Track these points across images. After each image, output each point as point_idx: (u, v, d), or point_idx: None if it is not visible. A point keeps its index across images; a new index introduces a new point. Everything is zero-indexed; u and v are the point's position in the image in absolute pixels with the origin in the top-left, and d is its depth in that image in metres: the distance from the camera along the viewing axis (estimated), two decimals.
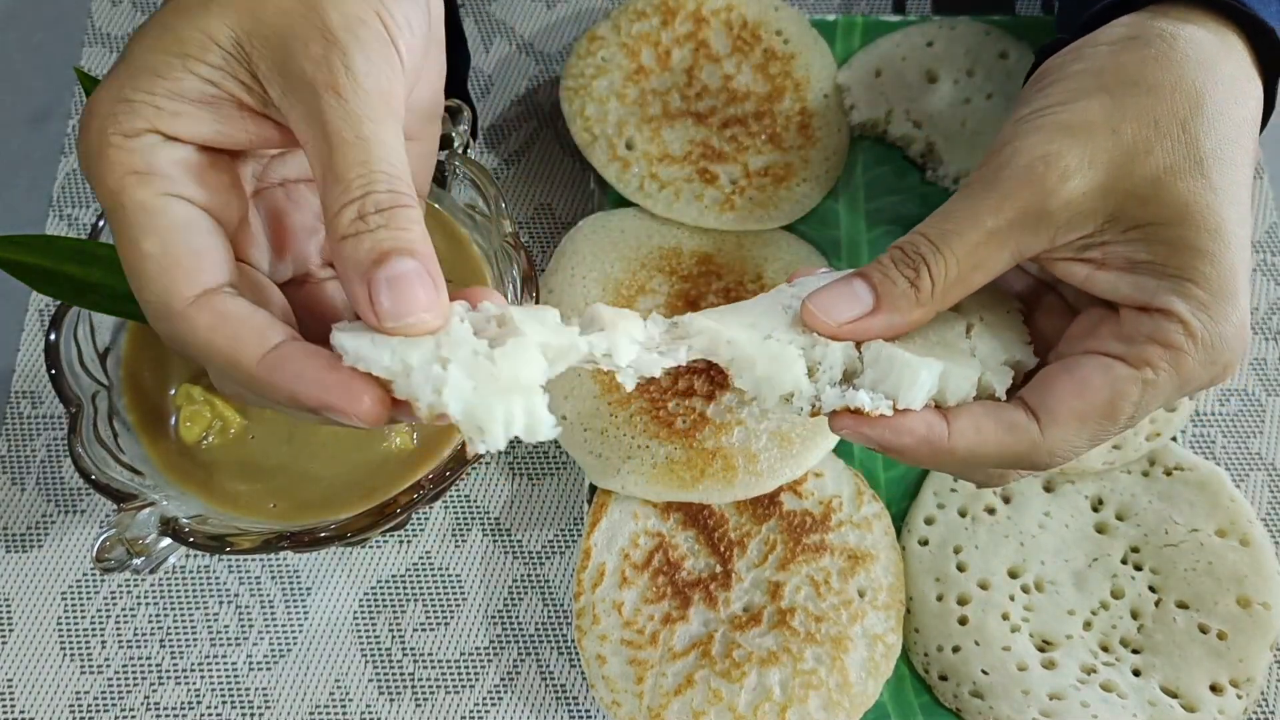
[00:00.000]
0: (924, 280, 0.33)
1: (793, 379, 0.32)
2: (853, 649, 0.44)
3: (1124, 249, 0.33)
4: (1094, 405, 0.33)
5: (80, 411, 0.41)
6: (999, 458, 0.34)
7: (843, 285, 0.34)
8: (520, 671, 0.47)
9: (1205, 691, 0.44)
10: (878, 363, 0.33)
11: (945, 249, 0.33)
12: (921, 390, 0.32)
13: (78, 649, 0.47)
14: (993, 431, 0.33)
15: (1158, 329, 0.33)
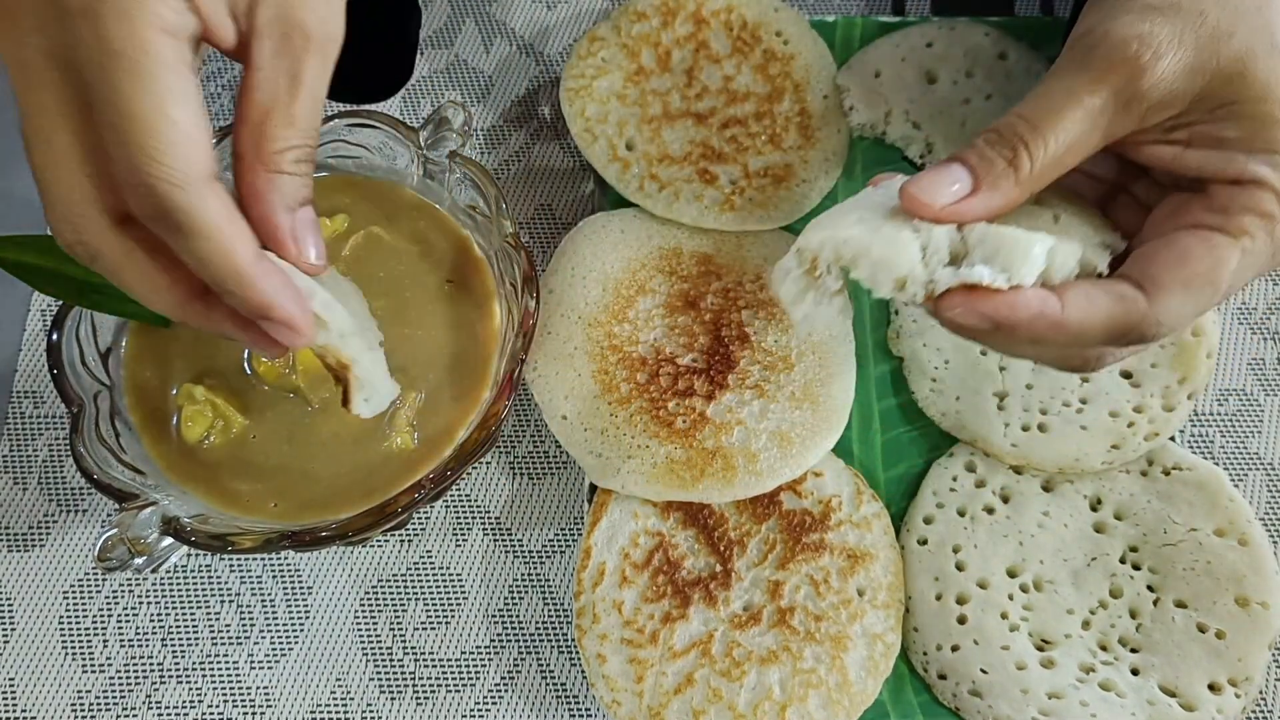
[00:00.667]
0: (1022, 159, 0.34)
1: (907, 261, 0.32)
2: (852, 648, 0.44)
3: (1211, 128, 0.34)
4: (1197, 273, 0.34)
5: (82, 411, 0.42)
6: (1108, 330, 0.34)
7: (941, 169, 0.34)
8: (521, 670, 0.47)
9: (1204, 691, 0.44)
10: (984, 242, 0.33)
11: (1043, 127, 0.34)
12: (1035, 265, 0.33)
13: (79, 648, 0.47)
14: (1104, 302, 0.34)
15: (1251, 198, 0.34)
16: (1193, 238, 0.34)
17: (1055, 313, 0.33)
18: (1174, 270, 0.34)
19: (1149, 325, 0.34)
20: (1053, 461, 0.47)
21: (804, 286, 0.34)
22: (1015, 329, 0.33)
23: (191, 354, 0.45)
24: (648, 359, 0.48)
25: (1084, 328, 0.34)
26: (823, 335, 0.49)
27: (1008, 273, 0.32)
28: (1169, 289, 0.34)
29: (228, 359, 0.45)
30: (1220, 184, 0.35)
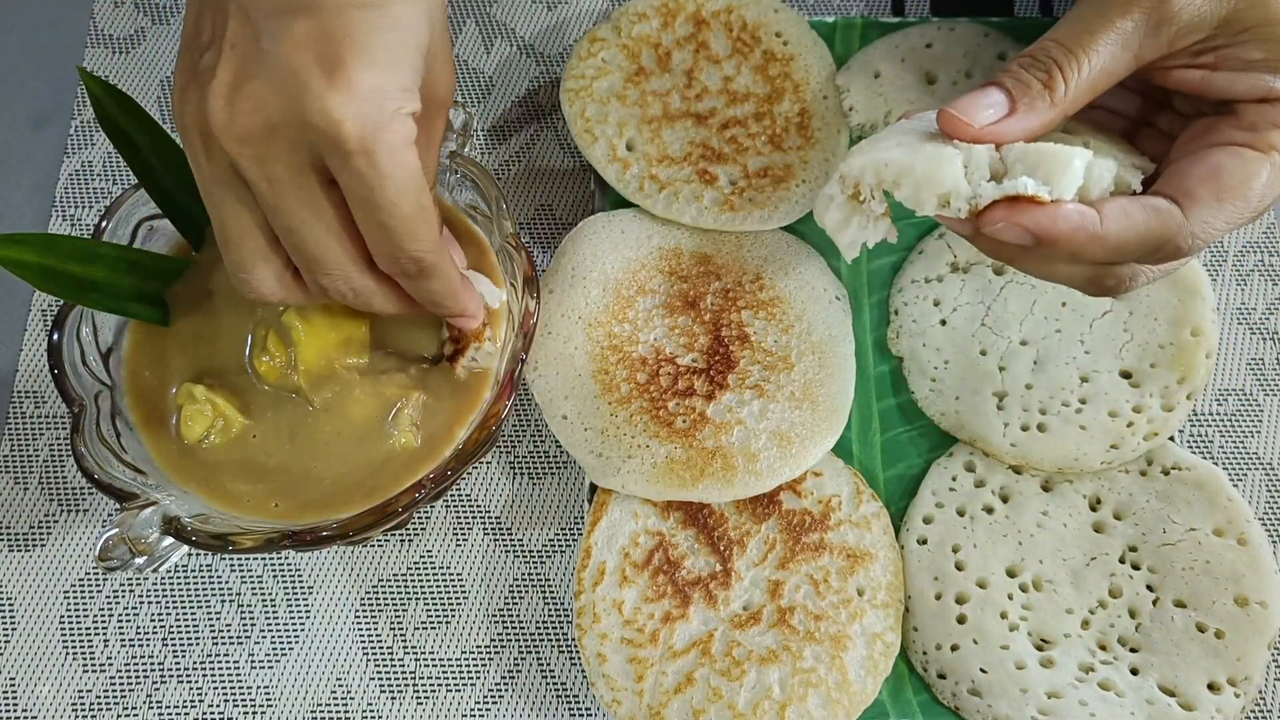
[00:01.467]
0: (1057, 81, 0.35)
1: (951, 175, 0.33)
2: (852, 647, 0.44)
3: (1236, 50, 0.36)
4: (1229, 185, 0.35)
5: (83, 411, 0.41)
6: (1145, 243, 0.35)
7: (978, 93, 0.36)
8: (521, 670, 0.47)
9: (1203, 690, 0.44)
10: (1024, 158, 0.33)
11: (1077, 50, 0.35)
12: (1074, 178, 0.33)
13: (80, 648, 0.47)
14: (1140, 216, 0.35)
15: (1278, 115, 0.35)
16: (1224, 153, 0.36)
17: (1094, 225, 0.34)
18: (1207, 184, 0.35)
19: (1184, 237, 0.35)
20: (1052, 461, 0.47)
21: (848, 213, 0.35)
22: (1056, 241, 0.34)
23: (192, 353, 0.45)
24: (648, 359, 0.48)
25: (1122, 240, 0.34)
26: (823, 335, 0.49)
27: (1050, 185, 0.33)
28: (1203, 201, 0.35)
29: (228, 358, 0.45)
30: (1248, 103, 0.36)
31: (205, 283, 0.46)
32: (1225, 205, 0.35)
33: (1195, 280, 0.49)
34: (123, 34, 0.59)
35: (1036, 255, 0.36)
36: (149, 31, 0.59)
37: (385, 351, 0.45)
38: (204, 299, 0.45)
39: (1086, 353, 0.49)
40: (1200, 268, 0.49)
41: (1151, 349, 0.48)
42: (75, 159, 0.56)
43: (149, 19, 0.59)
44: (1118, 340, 0.49)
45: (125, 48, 0.58)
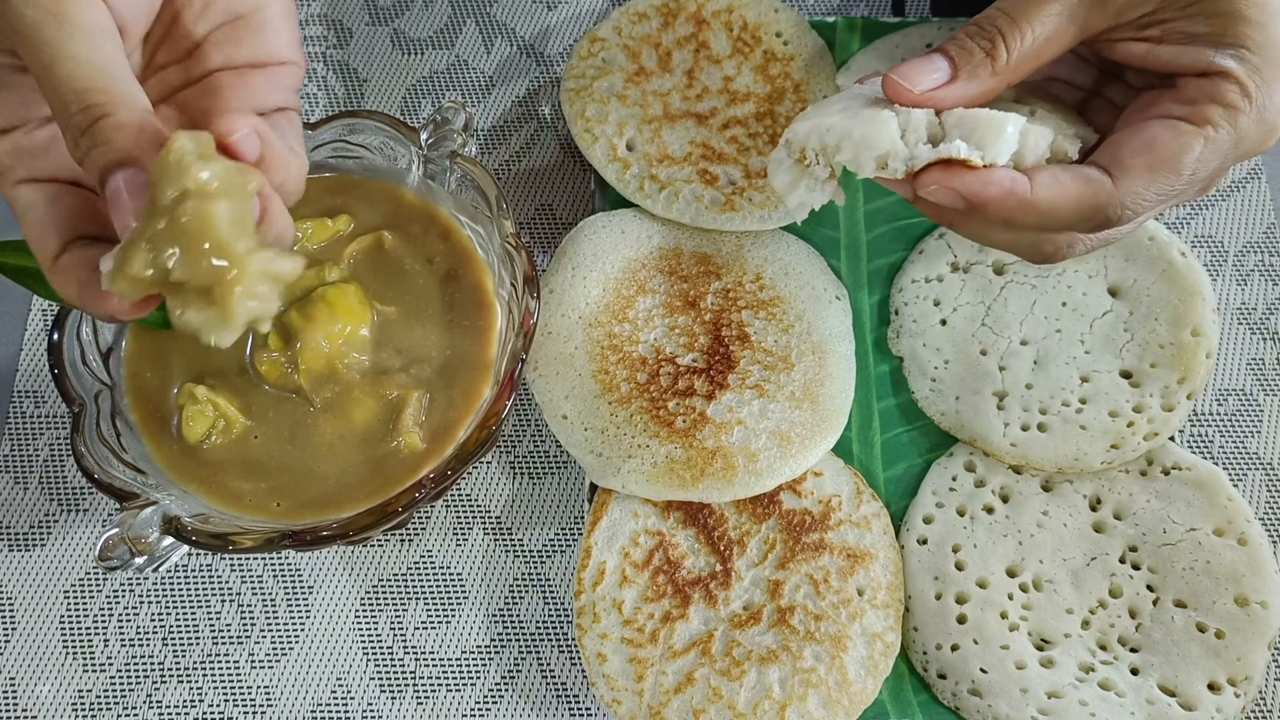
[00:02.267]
0: (999, 49, 0.36)
1: (888, 138, 0.34)
2: (852, 647, 0.44)
3: (1182, 24, 0.36)
4: (1162, 157, 0.35)
5: (83, 411, 0.41)
6: (1075, 211, 0.36)
7: (922, 58, 0.36)
8: (521, 670, 0.47)
9: (1203, 690, 0.44)
10: (962, 123, 0.34)
11: (1020, 19, 0.36)
12: (1008, 144, 0.34)
13: (80, 647, 0.47)
14: (1071, 184, 0.35)
15: (1216, 89, 0.35)
16: (1159, 125, 0.36)
17: (1024, 191, 0.35)
18: (1140, 155, 0.36)
19: (1114, 207, 0.36)
20: (1052, 461, 0.47)
21: (795, 176, 0.37)
22: (986, 205, 0.35)
23: (192, 354, 0.45)
24: (648, 359, 0.48)
25: (1052, 207, 0.35)
26: (823, 335, 0.49)
27: (983, 150, 0.34)
28: (1135, 172, 0.35)
29: (229, 359, 0.45)
30: (1188, 77, 0.36)
31: None
32: (1157, 177, 0.36)
33: (1195, 280, 0.49)
34: None
35: (973, 219, 0.36)
36: None
37: (386, 351, 0.45)
38: None
39: (1087, 352, 0.49)
40: (1200, 267, 0.49)
41: (1152, 349, 0.48)
42: None
43: None
44: (1118, 340, 0.49)
45: None
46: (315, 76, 0.58)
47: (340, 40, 0.59)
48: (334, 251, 0.46)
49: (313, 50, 0.59)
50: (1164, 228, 0.50)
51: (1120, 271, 0.50)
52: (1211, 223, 0.55)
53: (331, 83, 0.58)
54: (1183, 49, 0.36)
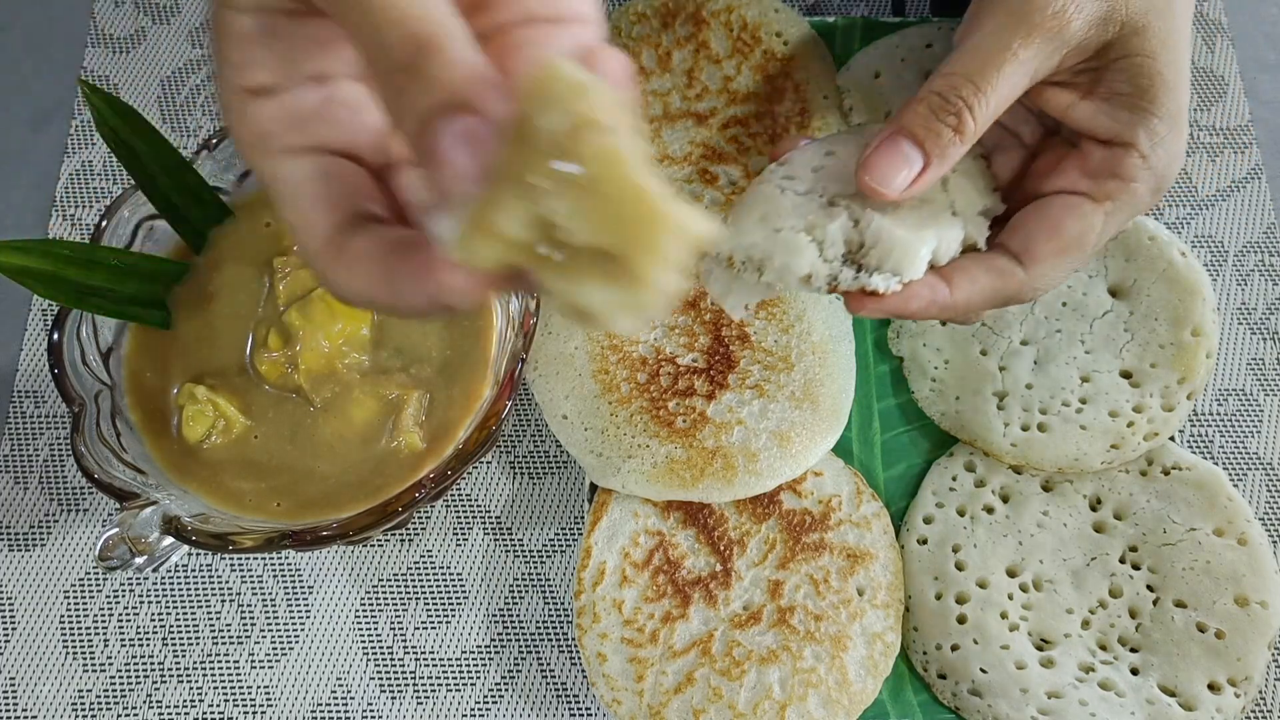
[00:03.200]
0: (967, 124, 0.36)
1: (807, 263, 0.35)
2: (852, 647, 0.44)
3: (1109, 80, 0.37)
4: (1068, 241, 0.37)
5: (83, 411, 0.41)
6: (991, 301, 0.38)
7: (891, 150, 0.36)
8: (521, 670, 0.47)
9: (1203, 690, 0.44)
10: (879, 243, 0.35)
11: (986, 85, 0.36)
12: (922, 263, 0.36)
13: (80, 647, 0.47)
14: (986, 280, 0.37)
15: (1119, 164, 0.37)
16: (1063, 206, 0.38)
17: (945, 298, 0.37)
18: (1047, 241, 0.37)
19: (1026, 292, 0.38)
20: (1052, 461, 0.47)
21: (728, 281, 0.37)
22: (911, 316, 0.37)
23: (192, 354, 0.45)
24: (648, 359, 0.48)
25: (970, 303, 0.37)
26: (823, 335, 0.49)
27: (900, 274, 0.36)
28: (1042, 259, 0.37)
29: (229, 359, 0.45)
30: (1096, 144, 0.38)
31: (206, 285, 0.46)
32: (1064, 259, 0.38)
33: (1196, 280, 0.49)
34: (123, 34, 0.59)
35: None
36: (149, 31, 0.59)
37: (386, 351, 0.45)
38: (205, 301, 0.45)
39: (1087, 353, 0.49)
40: (1200, 267, 0.49)
41: (1152, 349, 0.48)
42: (75, 158, 0.56)
43: (149, 19, 0.59)
44: (1118, 340, 0.49)
45: (126, 47, 0.58)
46: None
47: None
48: None
49: None
50: (1164, 228, 0.50)
51: (1120, 271, 0.50)
52: (1212, 222, 0.55)
53: None
54: (1102, 107, 0.37)
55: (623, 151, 0.21)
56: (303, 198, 0.28)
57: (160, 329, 0.45)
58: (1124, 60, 0.37)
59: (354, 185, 0.28)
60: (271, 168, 0.28)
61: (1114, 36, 0.36)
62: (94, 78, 0.57)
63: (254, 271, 0.46)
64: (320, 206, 0.28)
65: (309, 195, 0.28)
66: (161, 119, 0.57)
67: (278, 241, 0.46)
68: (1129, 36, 0.36)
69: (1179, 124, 0.37)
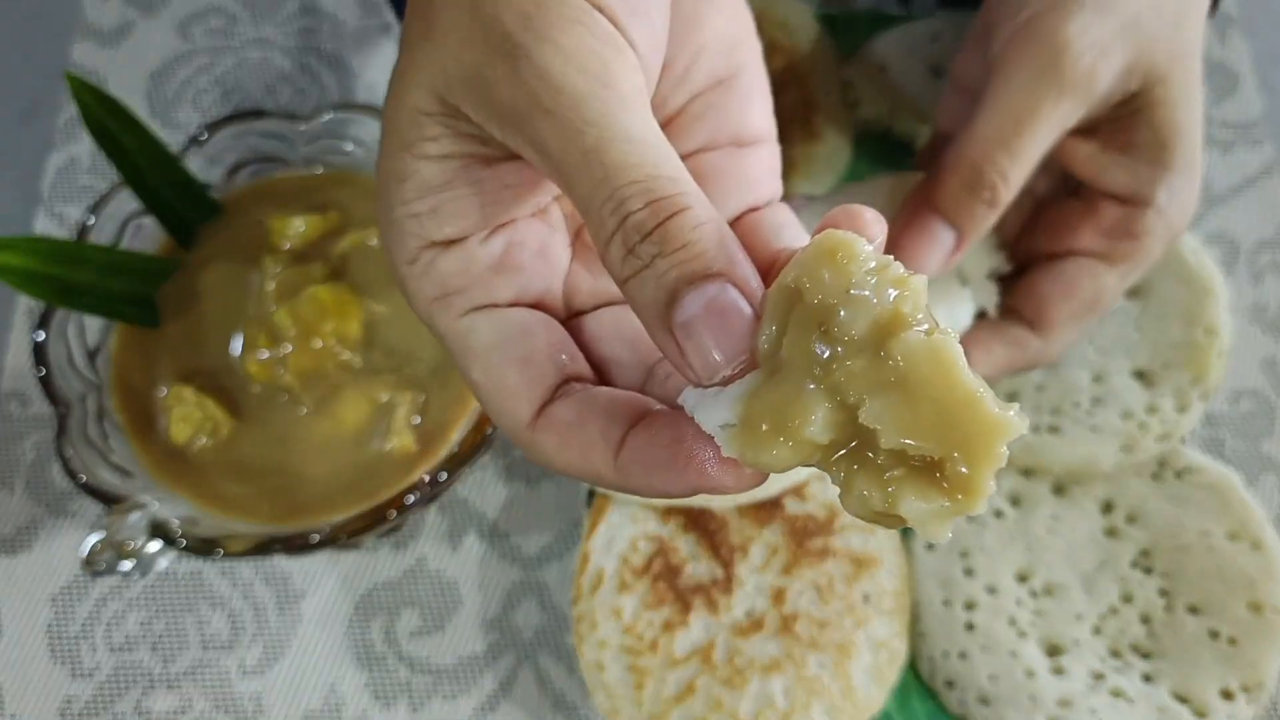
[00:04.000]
0: (1001, 195, 0.35)
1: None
2: (857, 655, 0.44)
3: (1132, 125, 0.36)
4: (1082, 303, 0.37)
5: (69, 412, 0.41)
6: (1009, 370, 0.38)
7: (923, 232, 0.35)
8: (517, 678, 0.47)
9: (1215, 697, 0.43)
10: None
11: (1020, 151, 0.34)
12: None
13: (67, 654, 0.47)
14: (1002, 352, 0.37)
15: (1136, 223, 0.36)
16: (1078, 269, 0.37)
17: None
18: (1061, 305, 0.37)
19: (1042, 359, 0.38)
20: (1063, 463, 0.46)
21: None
22: None
23: (180, 354, 0.45)
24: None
25: (988, 373, 0.37)
26: None
27: None
28: (1058, 325, 0.37)
29: (217, 359, 0.44)
30: (1110, 202, 0.37)
31: (194, 283, 0.45)
32: (1079, 320, 0.37)
33: (1208, 278, 0.48)
34: (111, 26, 0.58)
35: None
36: (137, 24, 0.58)
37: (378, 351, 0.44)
38: (193, 299, 0.45)
39: (1098, 353, 0.48)
40: (1213, 265, 0.49)
41: (1164, 348, 0.47)
42: (62, 153, 0.55)
43: (137, 11, 0.58)
44: (1130, 340, 0.48)
45: (113, 41, 0.58)
46: (307, 70, 0.57)
47: (332, 32, 0.58)
48: (324, 249, 0.46)
49: (304, 42, 0.58)
50: None
51: None
52: (1225, 219, 0.54)
53: (323, 76, 0.57)
54: (1120, 162, 0.36)
55: (947, 350, 0.19)
56: (501, 361, 0.25)
57: (148, 328, 0.45)
58: (1147, 111, 0.36)
59: (553, 341, 0.26)
60: (463, 328, 0.26)
61: (1139, 86, 0.35)
62: (81, 71, 0.57)
63: (243, 269, 0.45)
64: (523, 371, 0.25)
65: (505, 359, 0.25)
66: (150, 114, 0.56)
67: (267, 239, 0.46)
68: (1152, 86, 0.35)
69: (1195, 175, 0.36)
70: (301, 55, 0.58)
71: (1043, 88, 0.34)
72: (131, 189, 0.44)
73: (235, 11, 0.58)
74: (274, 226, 0.46)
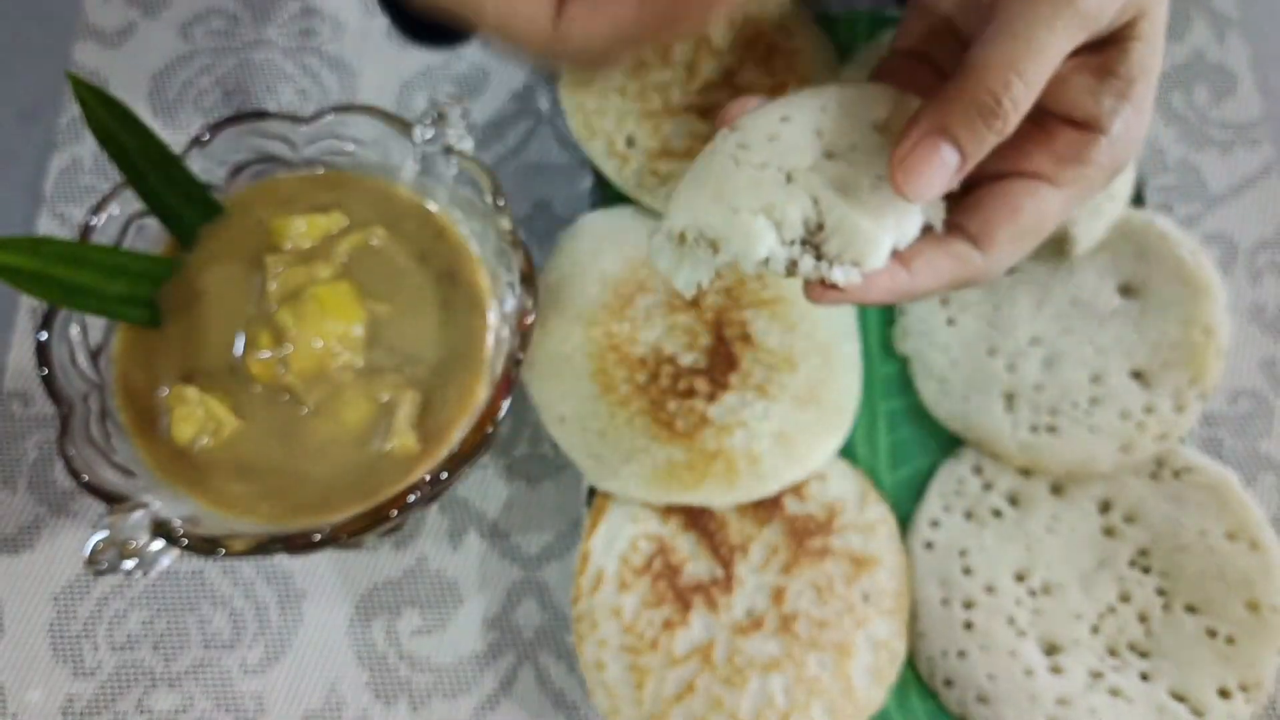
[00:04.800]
0: (1011, 122, 0.34)
1: (765, 247, 0.34)
2: (857, 655, 0.44)
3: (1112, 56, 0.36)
4: (1027, 226, 0.37)
5: (72, 412, 0.41)
6: (949, 285, 0.38)
7: (930, 154, 0.35)
8: (518, 677, 0.47)
9: (1213, 696, 0.43)
10: (840, 230, 0.34)
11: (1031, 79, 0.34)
12: (884, 254, 0.35)
13: (69, 653, 0.47)
14: (946, 265, 0.37)
15: (1087, 149, 0.36)
16: (1024, 191, 0.37)
17: (905, 285, 0.36)
18: (1005, 226, 0.37)
19: (982, 276, 0.38)
20: (1061, 463, 0.47)
21: (679, 257, 0.36)
22: (873, 304, 0.38)
23: (182, 354, 0.45)
24: (648, 359, 0.48)
25: (930, 287, 0.37)
26: (827, 335, 0.49)
27: (860, 265, 0.35)
28: (1000, 244, 0.37)
29: (219, 359, 0.44)
30: (1066, 126, 0.37)
31: (195, 283, 0.45)
32: (1021, 243, 0.37)
33: (1206, 279, 0.48)
34: (113, 27, 0.58)
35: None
36: (139, 25, 0.58)
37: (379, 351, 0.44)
38: (194, 299, 0.45)
39: (1097, 352, 0.48)
40: (1212, 266, 0.49)
41: (1162, 349, 0.48)
42: (64, 154, 0.55)
43: (139, 11, 0.58)
44: (1128, 340, 0.48)
45: (115, 41, 0.58)
46: (308, 70, 0.57)
47: (334, 33, 0.58)
48: (326, 249, 0.46)
49: (305, 43, 0.58)
50: (1175, 225, 0.50)
51: (1130, 269, 0.49)
52: (1223, 220, 0.55)
53: (324, 77, 0.57)
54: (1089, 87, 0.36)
55: None
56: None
57: (150, 328, 0.45)
58: (1129, 44, 0.36)
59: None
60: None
61: (1131, 18, 0.35)
62: (83, 71, 0.57)
63: (245, 269, 0.45)
64: None
65: None
66: (152, 114, 0.56)
67: (269, 238, 0.46)
68: (1139, 20, 0.35)
69: (1147, 113, 0.37)
70: (303, 56, 0.58)
71: (1059, 19, 0.34)
72: (133, 189, 0.44)
73: (237, 13, 0.58)
74: (276, 227, 0.46)
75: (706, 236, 0.35)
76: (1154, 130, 0.56)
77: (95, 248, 0.43)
